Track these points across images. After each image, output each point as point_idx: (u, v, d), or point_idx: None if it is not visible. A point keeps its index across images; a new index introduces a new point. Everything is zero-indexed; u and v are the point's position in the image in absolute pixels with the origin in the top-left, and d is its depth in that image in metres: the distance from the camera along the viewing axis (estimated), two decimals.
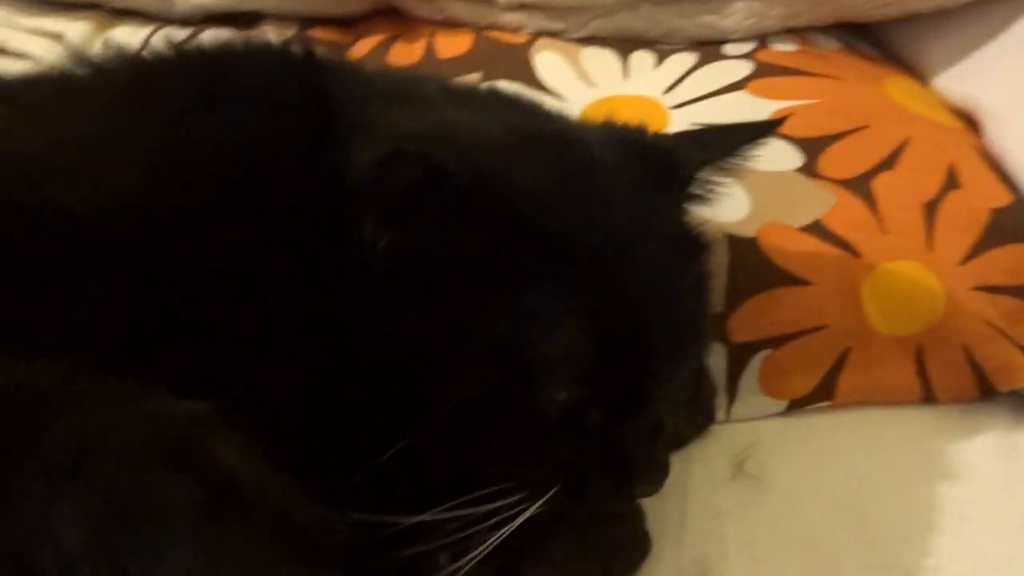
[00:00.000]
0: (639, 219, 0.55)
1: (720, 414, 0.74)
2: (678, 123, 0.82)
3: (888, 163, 0.76)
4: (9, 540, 0.37)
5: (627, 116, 0.65)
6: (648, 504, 0.63)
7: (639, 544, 0.60)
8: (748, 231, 0.73)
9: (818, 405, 0.72)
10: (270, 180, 0.52)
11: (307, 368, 0.51)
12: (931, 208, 0.74)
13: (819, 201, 0.74)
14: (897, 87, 0.87)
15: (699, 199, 0.63)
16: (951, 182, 0.76)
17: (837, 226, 0.73)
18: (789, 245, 0.73)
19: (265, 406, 0.47)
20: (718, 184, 0.62)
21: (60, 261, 0.46)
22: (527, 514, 0.54)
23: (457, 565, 0.53)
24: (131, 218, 0.48)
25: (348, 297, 0.51)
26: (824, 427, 0.71)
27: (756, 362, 0.73)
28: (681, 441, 0.68)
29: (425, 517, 0.52)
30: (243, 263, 0.50)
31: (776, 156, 0.76)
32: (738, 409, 0.73)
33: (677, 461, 0.60)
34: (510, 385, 0.51)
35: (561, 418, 0.52)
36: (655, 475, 0.56)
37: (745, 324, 0.73)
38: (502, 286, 0.50)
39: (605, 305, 0.52)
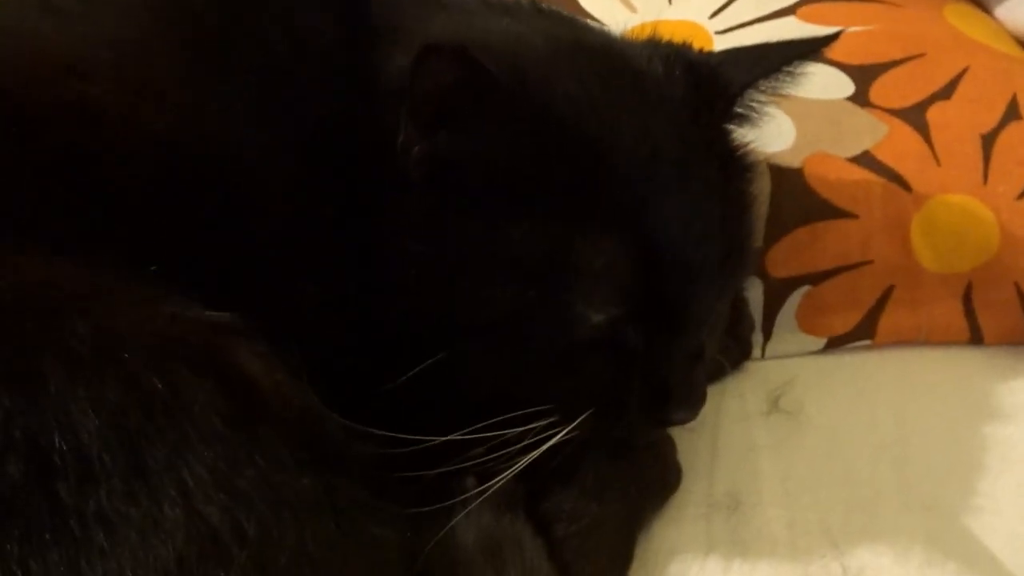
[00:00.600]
0: (684, 135, 0.53)
1: (755, 351, 0.73)
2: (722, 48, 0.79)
3: (945, 92, 0.72)
4: (26, 424, 0.35)
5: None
6: (679, 436, 0.62)
7: (669, 474, 0.58)
8: (793, 161, 0.70)
9: (858, 344, 0.71)
10: (301, 81, 0.50)
11: (336, 279, 0.49)
12: (989, 140, 0.71)
13: (870, 131, 0.71)
14: (957, 14, 0.82)
15: (744, 119, 0.60)
16: (1011, 113, 0.72)
17: (888, 157, 0.69)
18: (836, 176, 0.70)
19: (290, 317, 0.46)
20: (764, 104, 0.59)
21: (89, 159, 0.44)
22: (558, 438, 0.52)
23: (484, 487, 0.52)
24: (163, 117, 0.46)
25: (381, 206, 0.49)
26: (863, 366, 0.69)
27: (795, 298, 0.70)
28: (716, 374, 0.66)
29: (454, 437, 0.51)
30: (272, 168, 0.48)
31: (825, 84, 0.73)
32: (774, 346, 0.71)
33: (710, 394, 0.57)
34: (547, 300, 0.49)
35: (598, 338, 0.51)
36: (692, 401, 0.54)
37: (785, 258, 0.71)
38: (542, 197, 0.48)
39: (648, 221, 0.50)
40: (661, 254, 0.50)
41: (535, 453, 0.52)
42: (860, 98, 0.72)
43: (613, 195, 0.49)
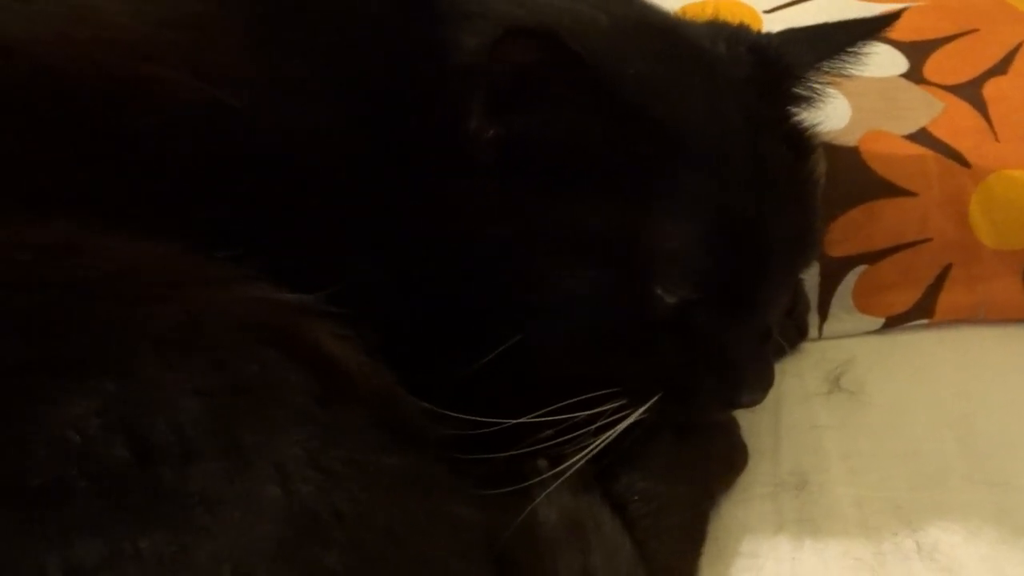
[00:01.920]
0: (753, 115, 0.53)
1: (812, 331, 0.73)
2: (772, 28, 0.78)
3: (1000, 67, 0.72)
4: (126, 409, 0.36)
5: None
6: (741, 417, 0.62)
7: (738, 455, 0.58)
8: (848, 140, 0.70)
9: (916, 323, 0.70)
10: (366, 61, 0.49)
11: (405, 261, 0.49)
12: None
13: (925, 108, 0.70)
14: None
15: (805, 100, 0.59)
16: None
17: (945, 134, 0.69)
18: (892, 154, 0.69)
19: (366, 300, 0.45)
20: (825, 85, 0.59)
21: (163, 141, 0.45)
22: (629, 420, 0.52)
23: (560, 469, 0.52)
24: (233, 96, 0.46)
25: (450, 188, 0.49)
26: (922, 345, 0.69)
27: (851, 278, 0.70)
28: (776, 355, 0.66)
29: (526, 420, 0.51)
30: (340, 147, 0.48)
31: (879, 61, 0.71)
32: (831, 326, 0.71)
33: None
34: (622, 282, 0.49)
35: (671, 319, 0.51)
36: (762, 383, 0.54)
37: (841, 237, 0.70)
38: (617, 178, 0.48)
39: (722, 202, 0.50)
40: (735, 236, 0.50)
41: (608, 435, 0.52)
42: (914, 75, 0.72)
43: (687, 176, 0.49)
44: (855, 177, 0.69)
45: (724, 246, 0.50)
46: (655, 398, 0.52)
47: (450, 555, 0.41)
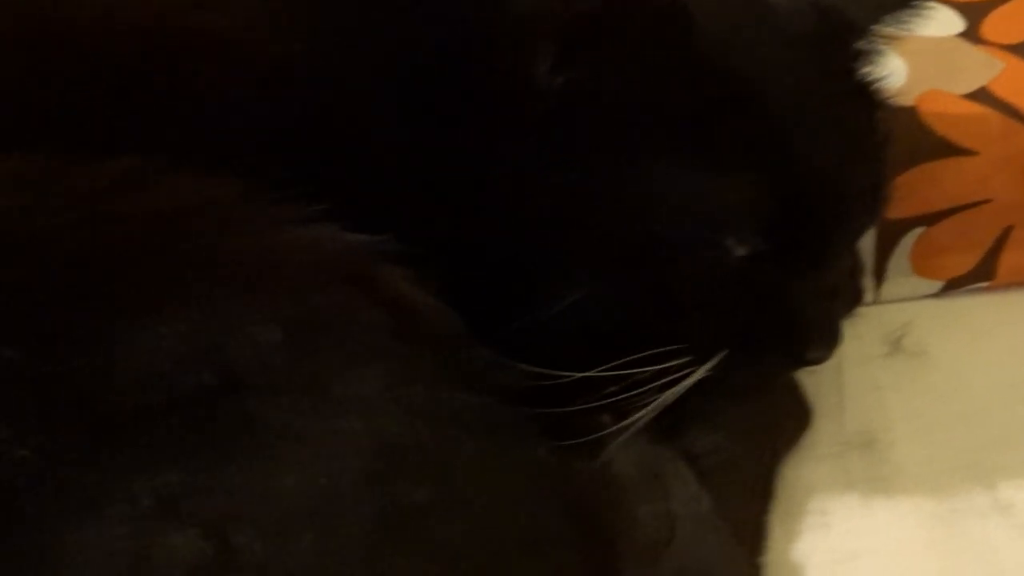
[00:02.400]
0: (823, 68, 0.52)
1: (868, 295, 0.72)
2: None
3: None
4: (210, 338, 0.35)
5: None
6: (803, 378, 0.60)
7: (803, 414, 0.57)
8: (906, 100, 0.69)
9: (976, 286, 0.69)
10: (428, 7, 0.49)
11: (474, 210, 0.48)
12: None
13: (984, 67, 0.69)
14: None
15: (865, 57, 0.58)
16: None
17: (1006, 92, 0.67)
18: (951, 113, 0.68)
19: (432, 246, 0.45)
20: (885, 42, 0.58)
21: (223, 84, 0.44)
22: (696, 377, 0.51)
23: (621, 425, 0.52)
24: (288, 44, 0.46)
25: (516, 138, 0.48)
26: (983, 307, 0.67)
27: (908, 240, 0.69)
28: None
29: (593, 373, 0.50)
30: (404, 91, 0.47)
31: (934, 21, 0.72)
32: (888, 290, 0.69)
33: None
34: (690, 233, 0.48)
35: (738, 274, 0.49)
36: (829, 340, 0.53)
37: (898, 199, 0.69)
38: (689, 126, 0.47)
39: (795, 154, 0.49)
40: (808, 189, 0.49)
41: (675, 391, 0.51)
42: (971, 34, 0.71)
43: (760, 128, 0.48)
44: (913, 137, 0.67)
45: (797, 198, 0.49)
46: (721, 355, 0.51)
47: (529, 495, 0.41)
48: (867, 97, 0.57)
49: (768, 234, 0.50)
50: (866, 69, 0.59)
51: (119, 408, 0.34)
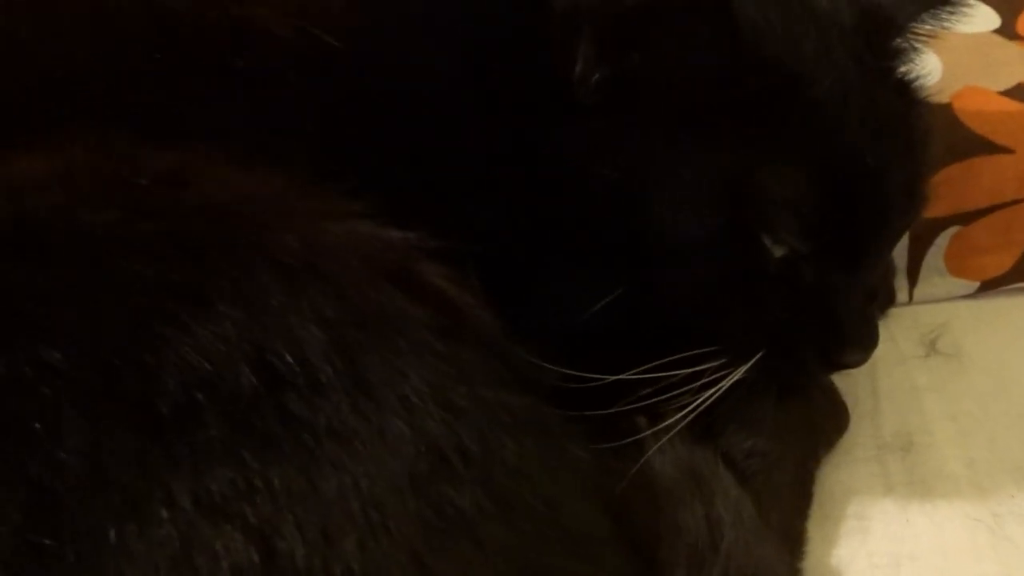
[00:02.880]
0: (862, 66, 0.51)
1: (901, 296, 0.71)
2: None
3: None
4: (253, 337, 0.34)
5: None
6: (838, 380, 0.59)
7: (840, 415, 0.56)
8: (941, 96, 0.67)
9: (1013, 286, 0.68)
10: (473, 3, 0.48)
11: (514, 204, 0.47)
12: None
13: (1021, 63, 0.68)
14: None
15: (903, 54, 0.57)
16: None
17: None
18: (988, 110, 0.67)
19: (472, 242, 0.43)
20: (922, 39, 0.57)
21: (268, 76, 0.44)
22: (733, 379, 0.50)
23: (659, 427, 0.51)
24: (333, 38, 0.45)
25: (559, 130, 0.47)
26: (1020, 308, 0.67)
27: (942, 240, 0.68)
28: None
29: (629, 376, 0.49)
30: (441, 86, 0.47)
31: (971, 17, 0.70)
32: (922, 290, 0.69)
33: None
34: (731, 230, 0.47)
35: (779, 272, 0.49)
36: (867, 343, 0.52)
37: (933, 198, 0.68)
38: (729, 122, 0.47)
39: (837, 152, 0.48)
40: (850, 185, 0.48)
41: (712, 393, 0.50)
42: (1007, 30, 0.70)
43: (802, 124, 0.47)
44: (949, 134, 0.66)
45: (839, 196, 0.48)
46: (757, 356, 0.50)
47: (572, 498, 0.40)
48: (907, 95, 0.56)
49: (808, 234, 0.49)
50: (905, 67, 0.58)
51: (161, 409, 0.33)
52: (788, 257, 0.49)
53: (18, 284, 0.35)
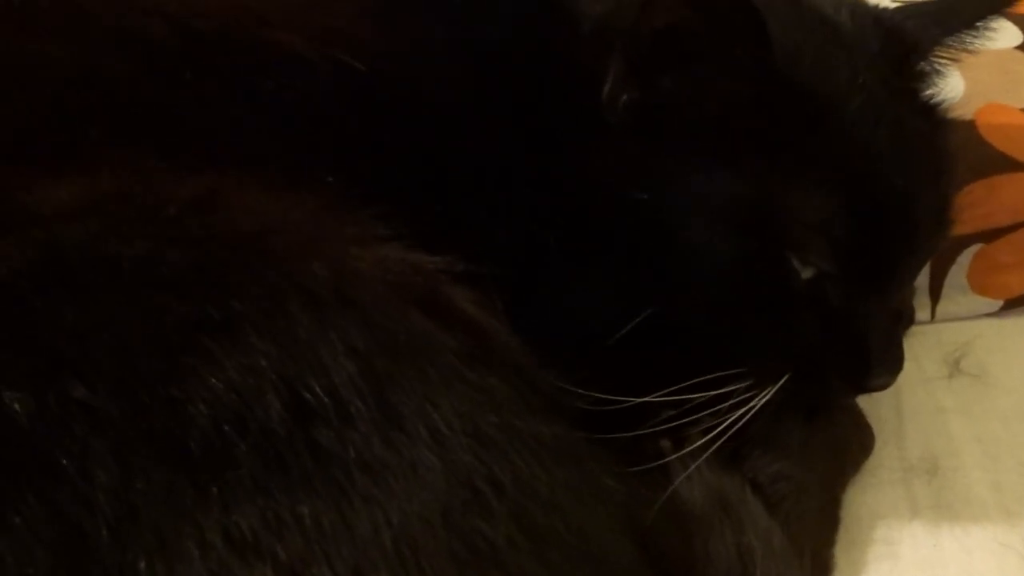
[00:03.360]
0: (888, 88, 0.51)
1: (923, 314, 0.70)
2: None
3: None
4: (282, 369, 0.34)
5: None
6: (861, 402, 0.59)
7: (865, 438, 0.56)
8: (964, 113, 0.67)
9: None
10: (493, 22, 0.48)
11: (542, 227, 0.47)
12: None
13: None
14: None
15: (927, 76, 0.57)
16: None
17: None
18: (1011, 127, 0.67)
19: (498, 265, 0.43)
20: (948, 61, 0.57)
21: (289, 99, 0.44)
22: (760, 401, 0.50)
23: (685, 451, 0.50)
24: (361, 62, 0.45)
25: (588, 153, 0.47)
26: None
27: (965, 258, 0.67)
28: None
29: (654, 398, 0.49)
30: (474, 110, 0.47)
31: (991, 33, 0.71)
32: (945, 308, 0.68)
33: None
34: (758, 252, 0.47)
35: (805, 294, 0.48)
36: (893, 365, 0.51)
37: (956, 216, 0.69)
38: (760, 144, 0.46)
39: (865, 175, 0.48)
40: (879, 208, 0.48)
41: (738, 416, 0.49)
42: None
43: (832, 145, 0.47)
44: (972, 151, 0.65)
45: (867, 219, 0.48)
46: (784, 379, 0.50)
47: (604, 528, 0.39)
48: (932, 117, 0.56)
49: (837, 256, 0.49)
50: (930, 89, 0.58)
51: (191, 445, 0.33)
52: (816, 279, 0.48)
53: (46, 317, 0.35)
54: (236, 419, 0.33)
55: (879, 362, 0.51)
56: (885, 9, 0.59)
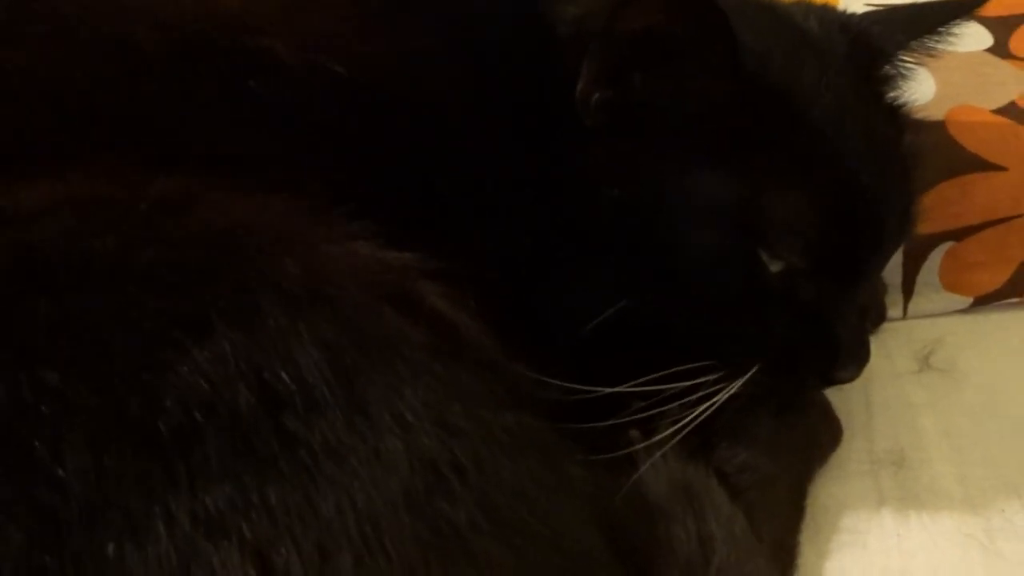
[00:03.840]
0: (855, 91, 0.52)
1: (895, 311, 0.71)
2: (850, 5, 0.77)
3: None
4: (251, 358, 0.35)
5: None
6: (831, 396, 0.60)
7: (833, 430, 0.57)
8: (935, 114, 0.69)
9: (1007, 301, 0.69)
10: (480, 25, 0.50)
11: (517, 224, 0.48)
12: None
13: (1014, 82, 0.69)
14: None
15: (893, 79, 0.59)
16: None
17: None
18: (982, 128, 0.68)
19: (470, 261, 0.44)
20: (913, 64, 0.59)
21: (269, 102, 0.45)
22: (728, 392, 0.51)
23: (652, 441, 0.51)
24: (341, 63, 0.46)
25: (565, 153, 0.49)
26: (1014, 322, 0.67)
27: (936, 255, 0.69)
28: None
29: (624, 389, 0.50)
30: (451, 111, 0.48)
31: (963, 36, 0.71)
32: (917, 305, 0.69)
33: None
34: (730, 248, 0.49)
35: (776, 288, 0.50)
36: (860, 358, 0.53)
37: (927, 215, 0.68)
38: (732, 143, 0.48)
39: (831, 175, 0.49)
40: (847, 206, 0.49)
41: (707, 407, 0.51)
42: (1000, 50, 0.71)
43: (802, 144, 0.49)
44: (943, 152, 0.67)
45: (836, 216, 0.50)
46: (753, 371, 0.51)
47: (569, 516, 0.40)
48: (897, 119, 0.58)
49: (805, 251, 0.50)
50: (894, 92, 0.60)
51: (161, 429, 0.34)
52: (785, 273, 0.50)
53: (21, 311, 0.36)
54: (206, 405, 0.34)
55: (847, 354, 0.52)
56: (852, 15, 0.61)
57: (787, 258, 0.48)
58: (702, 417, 0.50)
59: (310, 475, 0.34)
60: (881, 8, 0.66)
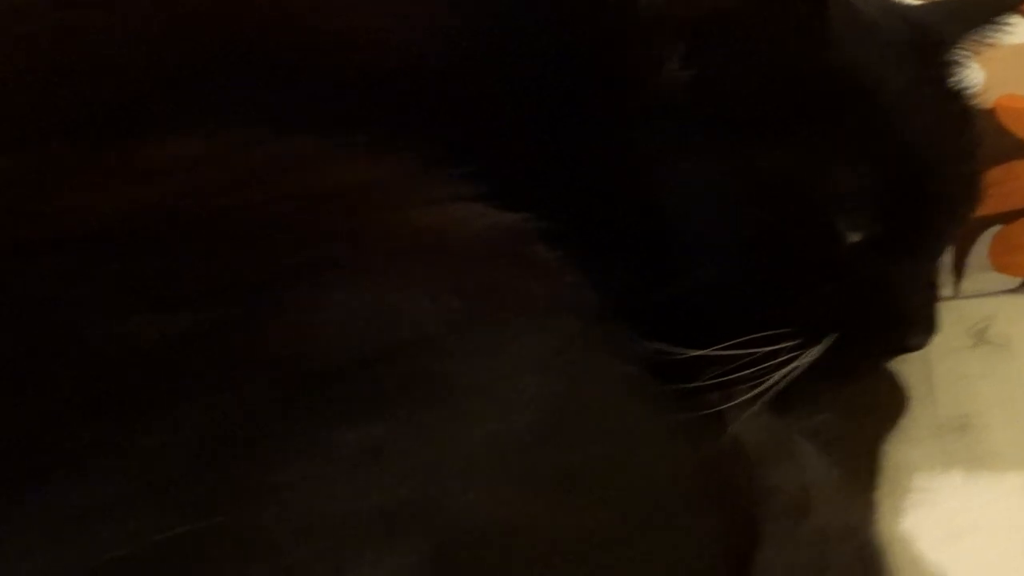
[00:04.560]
0: (920, 75, 0.55)
1: (945, 291, 0.74)
2: None
3: None
4: (394, 300, 0.38)
5: None
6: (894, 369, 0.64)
7: (901, 399, 0.59)
8: (984, 102, 0.72)
9: None
10: (558, 9, 0.52)
11: (608, 193, 0.51)
12: None
13: None
14: None
15: (954, 67, 0.61)
16: None
17: None
18: None
19: (567, 227, 0.47)
20: (968, 56, 0.62)
21: (378, 75, 0.47)
22: (805, 360, 0.53)
23: (745, 398, 0.52)
24: (439, 42, 0.49)
25: (649, 126, 0.51)
26: None
27: (986, 238, 0.72)
28: None
29: (711, 352, 0.52)
30: (540, 82, 0.50)
31: (1011, 29, 0.74)
32: (968, 285, 0.72)
33: None
34: (806, 222, 0.51)
35: (847, 260, 0.53)
36: (929, 325, 0.56)
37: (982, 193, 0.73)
38: (808, 119, 0.50)
39: (903, 148, 0.52)
40: (916, 180, 0.52)
41: (785, 373, 0.53)
42: None
43: (876, 122, 0.51)
44: (992, 138, 0.69)
45: (907, 188, 0.53)
46: (827, 339, 0.54)
47: (680, 459, 0.43)
48: (960, 101, 0.60)
49: (879, 224, 0.53)
50: (955, 77, 0.63)
51: (312, 368, 0.37)
52: (859, 245, 0.52)
53: (175, 259, 0.39)
54: (355, 346, 0.37)
55: (916, 322, 0.55)
56: (910, 6, 0.65)
57: (863, 228, 0.51)
58: (782, 384, 0.53)
59: (459, 410, 0.37)
60: (939, 2, 0.70)
